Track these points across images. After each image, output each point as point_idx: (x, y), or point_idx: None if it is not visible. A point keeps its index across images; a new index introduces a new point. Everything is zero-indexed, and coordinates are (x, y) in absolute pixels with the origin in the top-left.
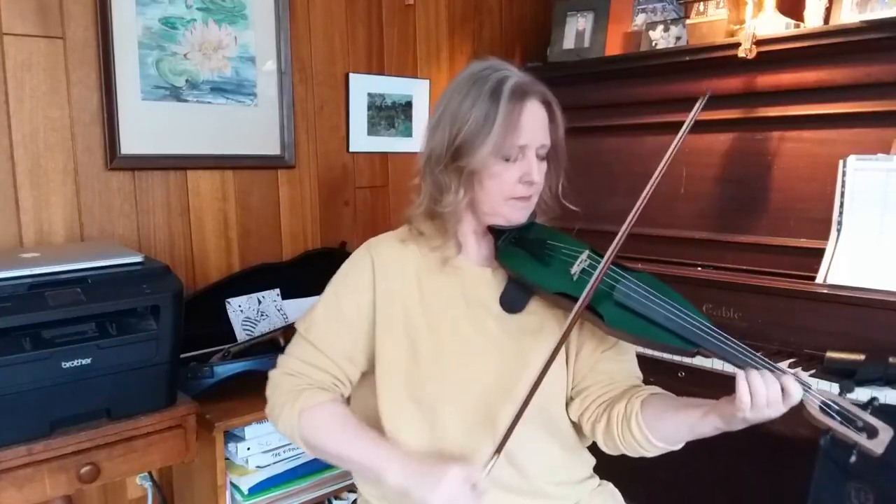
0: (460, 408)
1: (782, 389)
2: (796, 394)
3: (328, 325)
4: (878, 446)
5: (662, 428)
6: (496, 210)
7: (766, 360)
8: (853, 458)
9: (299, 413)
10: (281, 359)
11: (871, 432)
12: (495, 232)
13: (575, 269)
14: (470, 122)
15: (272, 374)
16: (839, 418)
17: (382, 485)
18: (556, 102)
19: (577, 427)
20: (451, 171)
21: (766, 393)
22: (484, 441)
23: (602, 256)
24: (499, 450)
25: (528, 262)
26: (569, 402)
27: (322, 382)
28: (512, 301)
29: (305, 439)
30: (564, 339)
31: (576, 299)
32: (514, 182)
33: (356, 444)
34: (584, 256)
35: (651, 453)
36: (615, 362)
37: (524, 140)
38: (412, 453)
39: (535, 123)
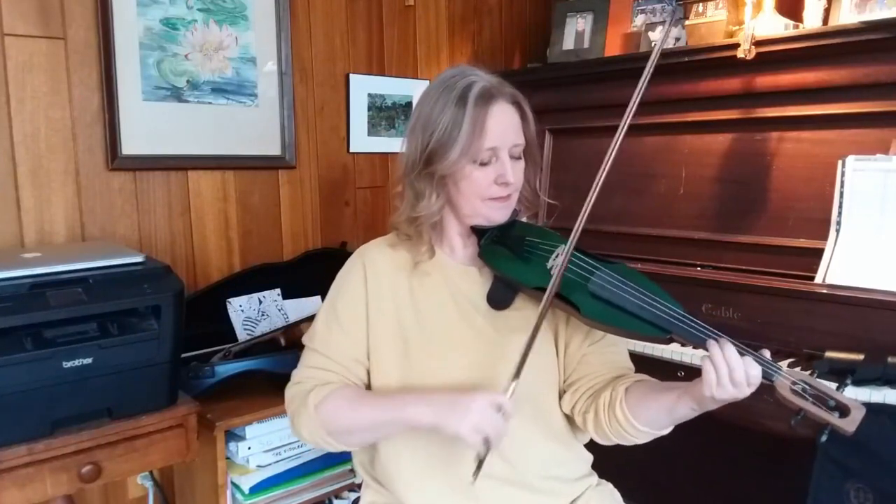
0: None
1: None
2: (756, 372)
3: (329, 333)
4: (849, 425)
5: (645, 412)
6: (476, 211)
7: (735, 341)
8: (824, 437)
9: (315, 410)
10: (293, 373)
11: (843, 411)
12: (478, 232)
13: (551, 262)
14: (439, 128)
15: (286, 390)
16: (811, 398)
17: (416, 429)
18: (526, 102)
19: (571, 421)
20: (425, 177)
21: (727, 369)
22: None
23: (579, 252)
24: (516, 375)
25: (509, 259)
26: (561, 395)
27: (328, 381)
28: (498, 298)
29: (329, 430)
30: (539, 325)
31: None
32: (489, 184)
33: (378, 406)
34: (559, 251)
35: (639, 439)
36: (602, 354)
37: (493, 142)
38: (430, 389)
39: (503, 125)
